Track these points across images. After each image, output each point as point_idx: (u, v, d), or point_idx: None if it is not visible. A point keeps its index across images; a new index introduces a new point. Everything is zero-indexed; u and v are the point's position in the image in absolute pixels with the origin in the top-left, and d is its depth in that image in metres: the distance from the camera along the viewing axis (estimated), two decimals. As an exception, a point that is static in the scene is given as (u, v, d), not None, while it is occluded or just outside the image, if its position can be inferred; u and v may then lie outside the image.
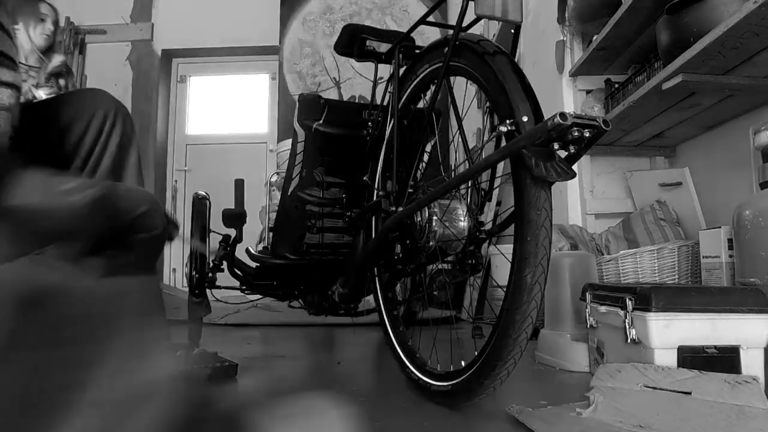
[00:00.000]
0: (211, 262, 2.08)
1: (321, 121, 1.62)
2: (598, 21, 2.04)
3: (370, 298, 2.06)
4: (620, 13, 1.72)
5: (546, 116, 0.82)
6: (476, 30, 1.16)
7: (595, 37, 1.96)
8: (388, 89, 1.40)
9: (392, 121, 1.33)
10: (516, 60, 1.00)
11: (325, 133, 1.62)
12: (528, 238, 0.88)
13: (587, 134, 0.80)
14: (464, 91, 1.33)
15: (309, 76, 4.49)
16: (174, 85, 4.80)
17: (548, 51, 2.44)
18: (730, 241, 1.41)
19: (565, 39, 2.29)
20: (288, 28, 4.54)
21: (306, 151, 1.65)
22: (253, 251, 1.96)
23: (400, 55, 1.41)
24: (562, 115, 0.77)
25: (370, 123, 1.59)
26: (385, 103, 1.46)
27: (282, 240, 1.76)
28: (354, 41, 1.53)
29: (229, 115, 4.85)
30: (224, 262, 2.07)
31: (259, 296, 2.11)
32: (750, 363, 1.02)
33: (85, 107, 0.90)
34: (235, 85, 4.92)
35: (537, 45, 2.69)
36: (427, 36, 4.04)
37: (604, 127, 0.80)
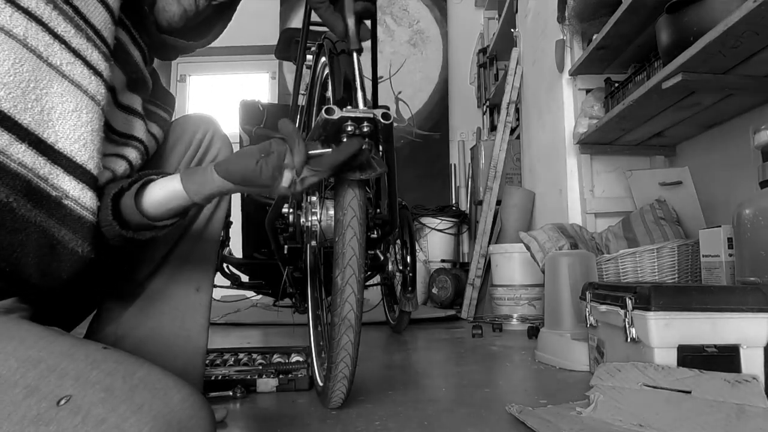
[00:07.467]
0: None
1: (261, 125, 1.64)
2: (598, 20, 2.04)
3: (370, 297, 2.04)
4: (620, 12, 1.72)
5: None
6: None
7: (595, 36, 1.96)
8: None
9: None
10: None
11: (265, 137, 1.64)
12: (336, 238, 0.84)
13: (366, 129, 0.76)
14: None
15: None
16: (174, 85, 4.79)
17: (548, 50, 2.44)
18: (730, 240, 1.41)
19: (565, 38, 2.29)
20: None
21: (249, 154, 1.68)
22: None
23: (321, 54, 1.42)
24: (328, 110, 0.74)
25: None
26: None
27: (248, 240, 1.78)
28: (290, 45, 1.54)
29: (228, 115, 4.84)
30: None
31: (258, 296, 2.11)
32: (750, 362, 1.02)
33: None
34: (235, 84, 4.91)
35: (537, 44, 2.68)
36: (424, 30, 4.04)
37: (383, 121, 0.77)
